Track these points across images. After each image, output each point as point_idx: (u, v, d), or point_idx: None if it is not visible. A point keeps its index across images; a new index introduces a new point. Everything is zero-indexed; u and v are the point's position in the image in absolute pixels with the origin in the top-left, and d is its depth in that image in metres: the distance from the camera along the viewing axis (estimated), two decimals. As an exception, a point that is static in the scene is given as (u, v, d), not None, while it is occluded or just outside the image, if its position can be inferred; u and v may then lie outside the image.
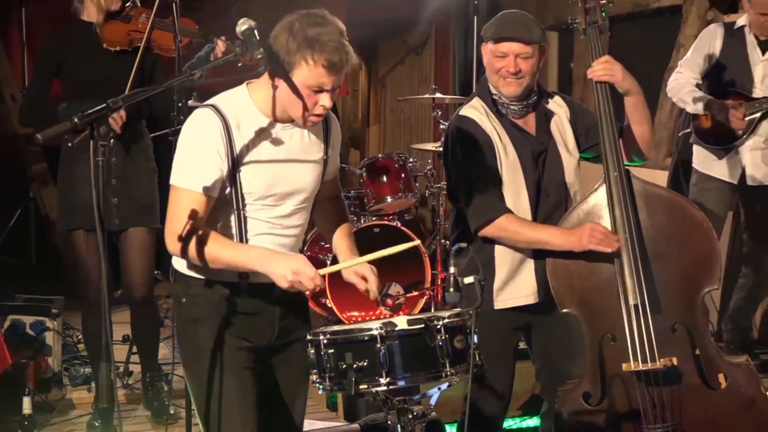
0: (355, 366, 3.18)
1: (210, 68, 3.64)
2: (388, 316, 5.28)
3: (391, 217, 7.15)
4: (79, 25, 5.20)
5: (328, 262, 6.42)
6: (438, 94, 7.42)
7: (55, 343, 5.63)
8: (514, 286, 4.09)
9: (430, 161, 7.69)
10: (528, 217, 4.06)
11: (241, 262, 3.28)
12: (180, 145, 3.34)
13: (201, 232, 3.25)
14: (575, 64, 8.82)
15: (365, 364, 3.18)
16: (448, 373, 3.23)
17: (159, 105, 5.09)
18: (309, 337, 3.29)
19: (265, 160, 3.35)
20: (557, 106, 4.21)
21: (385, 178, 7.09)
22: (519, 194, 4.06)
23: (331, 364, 3.23)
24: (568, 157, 4.15)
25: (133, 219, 5.16)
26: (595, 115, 4.12)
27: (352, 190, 7.49)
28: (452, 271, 3.43)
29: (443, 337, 3.22)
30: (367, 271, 3.41)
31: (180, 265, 3.46)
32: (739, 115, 5.69)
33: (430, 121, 9.10)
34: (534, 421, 5.24)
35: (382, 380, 3.18)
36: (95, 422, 5.12)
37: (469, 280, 3.43)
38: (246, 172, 3.32)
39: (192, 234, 3.24)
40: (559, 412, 4.11)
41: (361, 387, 3.19)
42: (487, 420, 4.19)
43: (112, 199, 5.13)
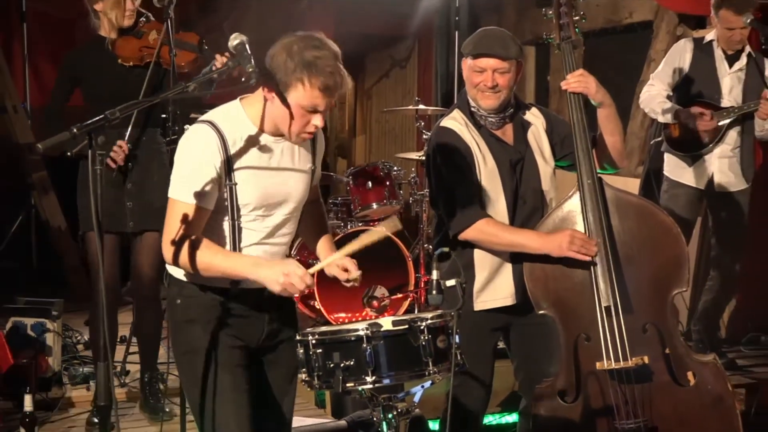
0: (342, 365, 3.19)
1: (203, 81, 3.63)
2: (373, 318, 5.28)
3: (377, 223, 7.14)
4: (96, 40, 5.20)
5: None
6: (421, 106, 7.42)
7: (55, 344, 5.60)
8: (493, 289, 4.09)
9: (413, 170, 7.69)
10: (506, 222, 4.06)
11: (233, 270, 3.28)
12: (177, 160, 3.34)
13: (195, 242, 3.25)
14: (551, 77, 8.84)
15: (352, 363, 3.19)
16: (431, 372, 3.23)
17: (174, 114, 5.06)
18: (298, 337, 3.30)
19: (259, 173, 3.36)
20: (534, 117, 4.22)
21: (370, 185, 7.08)
22: (497, 201, 4.06)
23: (320, 364, 3.23)
24: (545, 165, 4.16)
25: (147, 222, 5.14)
26: (570, 125, 4.13)
27: (339, 197, 7.49)
28: (435, 275, 3.44)
29: (426, 338, 3.22)
30: (348, 262, 3.42)
31: (174, 270, 3.45)
32: (708, 122, 5.72)
33: (414, 131, 9.11)
34: (513, 417, 5.23)
35: (368, 378, 3.18)
36: (94, 419, 5.12)
37: (450, 283, 3.44)
38: (241, 185, 3.32)
39: (188, 243, 3.24)
40: (536, 409, 4.11)
41: (348, 385, 3.20)
42: (468, 416, 4.19)
43: (127, 203, 5.14)
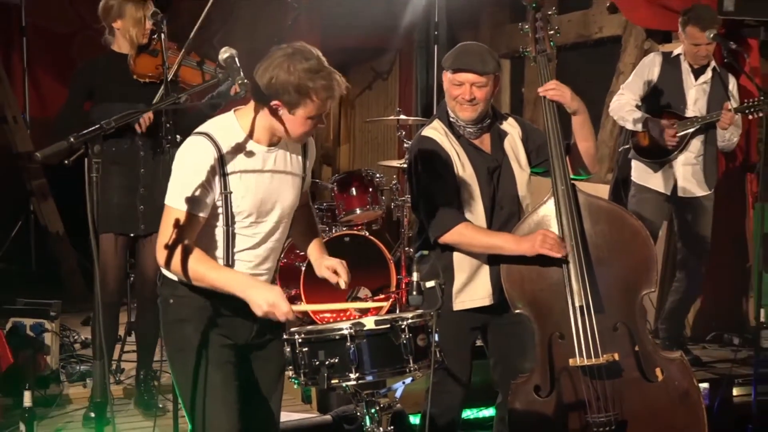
0: (327, 362, 3.18)
1: (194, 93, 3.64)
2: (357, 317, 5.26)
3: (360, 227, 7.13)
4: (109, 55, 5.19)
5: (303, 268, 6.40)
6: (402, 116, 7.43)
7: (53, 343, 5.58)
8: (472, 290, 4.09)
9: (395, 176, 7.69)
10: (484, 227, 4.06)
11: (224, 286, 3.28)
12: (175, 169, 3.34)
13: (189, 251, 3.26)
14: (526, 89, 8.86)
15: (336, 360, 3.18)
16: (412, 369, 3.23)
17: (181, 123, 5.03)
18: (285, 336, 3.30)
19: (253, 180, 3.36)
20: (510, 126, 4.22)
21: (354, 191, 7.08)
22: (475, 206, 4.06)
23: (306, 361, 3.23)
24: (521, 172, 4.16)
25: (157, 225, 5.11)
26: (544, 134, 4.14)
27: (324, 203, 7.47)
28: (415, 277, 3.43)
29: (407, 336, 3.22)
30: (338, 264, 3.46)
31: (167, 272, 3.44)
32: (672, 132, 5.75)
33: (395, 140, 9.09)
34: (490, 411, 5.23)
35: (352, 375, 3.18)
36: (90, 414, 5.09)
37: (430, 284, 3.43)
38: (236, 193, 3.32)
39: (181, 251, 3.25)
40: (512, 404, 4.11)
41: (333, 382, 3.20)
42: (447, 411, 4.18)
43: (139, 207, 5.12)
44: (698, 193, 6.02)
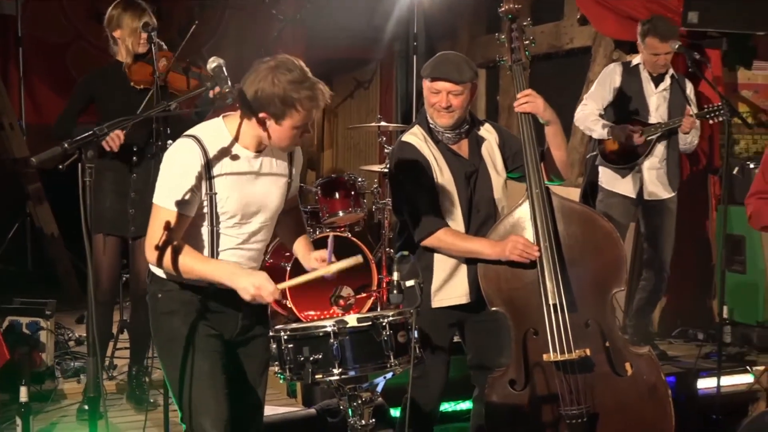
0: (311, 358, 3.18)
1: (183, 100, 3.62)
2: (340, 315, 5.25)
3: (343, 229, 7.12)
4: (114, 64, 5.17)
5: (288, 268, 6.38)
6: (383, 123, 7.41)
7: (49, 341, 5.55)
8: (450, 288, 4.08)
9: (376, 180, 7.68)
10: (462, 229, 4.05)
11: (211, 275, 3.28)
12: (163, 169, 3.33)
13: (177, 246, 3.25)
14: (501, 97, 8.87)
15: (320, 356, 3.18)
16: (393, 364, 3.24)
17: (176, 129, 4.99)
18: (271, 333, 3.30)
19: (239, 183, 3.35)
20: (487, 132, 4.22)
21: (337, 195, 7.06)
22: (454, 209, 4.06)
23: (291, 357, 3.22)
24: (497, 176, 4.16)
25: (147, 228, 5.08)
26: (520, 141, 4.13)
27: (309, 206, 7.45)
28: (395, 276, 3.42)
29: (388, 333, 3.22)
30: (325, 254, 3.49)
31: (156, 269, 3.44)
32: (639, 136, 5.75)
33: (376, 146, 9.08)
34: (467, 404, 5.21)
35: (335, 371, 3.18)
36: (84, 407, 5.06)
37: (410, 284, 3.42)
38: (221, 194, 3.31)
39: (169, 247, 3.25)
40: (489, 397, 4.11)
41: (317, 377, 3.19)
42: (426, 404, 4.17)
43: (130, 210, 5.08)
44: (664, 196, 6.04)
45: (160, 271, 3.40)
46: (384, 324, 3.22)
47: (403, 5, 8.90)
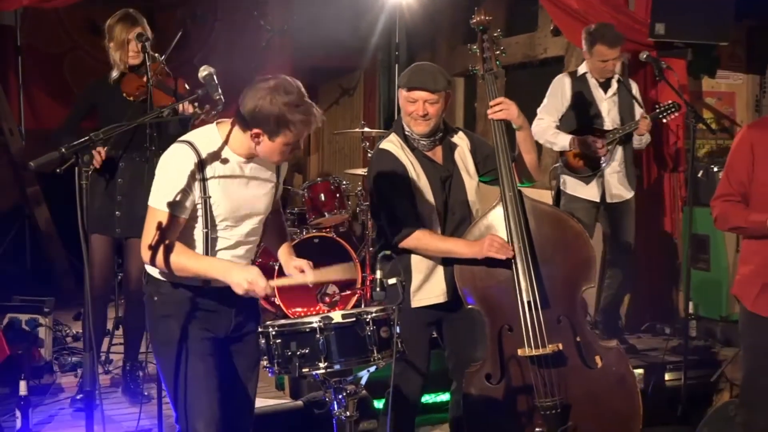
0: (298, 353, 3.17)
1: (174, 108, 3.64)
2: (326, 311, 5.25)
3: (328, 230, 7.13)
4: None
5: (276, 267, 6.38)
6: (366, 129, 7.42)
7: (47, 337, 5.54)
8: (428, 288, 4.09)
9: (360, 184, 7.67)
10: (438, 231, 4.07)
11: (205, 272, 3.29)
12: (158, 173, 3.34)
13: (171, 246, 3.26)
14: (478, 104, 8.89)
15: (307, 351, 3.17)
16: (376, 358, 3.23)
17: (166, 136, 4.97)
18: (260, 329, 3.29)
19: (230, 187, 3.36)
20: (460, 139, 4.23)
21: (323, 197, 7.08)
22: (430, 212, 4.07)
23: (279, 352, 3.21)
24: (470, 180, 4.17)
25: (134, 230, 5.04)
26: (491, 146, 4.16)
27: (296, 208, 7.46)
28: (378, 275, 3.43)
29: (371, 329, 3.22)
30: (304, 264, 3.46)
31: (152, 270, 3.44)
32: (601, 146, 5.76)
33: (360, 150, 9.10)
34: (446, 396, 5.23)
35: (321, 364, 3.17)
36: (75, 398, 5.05)
37: (392, 282, 3.44)
38: (214, 198, 3.32)
39: (164, 247, 3.25)
40: (466, 390, 4.12)
41: (304, 370, 3.19)
42: (408, 396, 4.17)
43: (116, 213, 5.07)
44: (627, 197, 6.05)
45: (156, 272, 3.41)
46: (367, 320, 3.22)
47: (386, 17, 8.92)
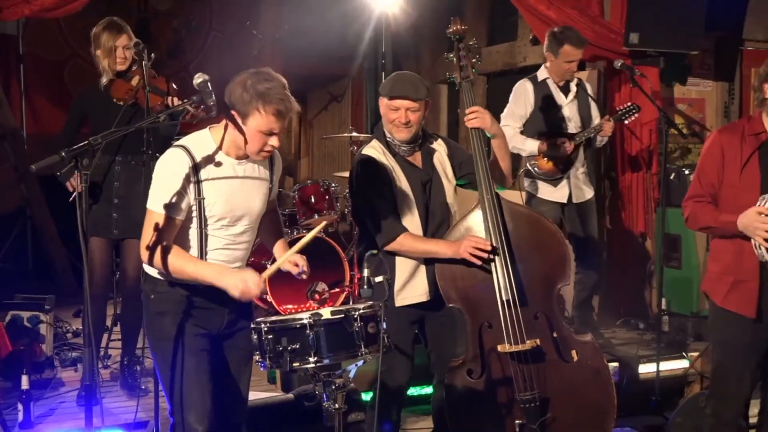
0: (289, 348, 3.18)
1: (170, 113, 3.63)
2: (315, 308, 5.25)
3: (313, 223, 7.13)
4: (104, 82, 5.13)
5: (268, 265, 6.38)
6: (354, 133, 7.45)
7: (48, 333, 5.52)
8: (411, 288, 4.09)
9: (348, 186, 7.67)
10: (420, 232, 4.08)
11: (201, 276, 3.29)
12: (155, 177, 3.34)
13: (169, 248, 3.26)
14: (461, 110, 8.85)
15: (298, 346, 3.18)
16: (364, 353, 3.24)
17: (158, 141, 4.95)
18: (252, 325, 3.29)
19: (224, 189, 3.36)
20: (438, 145, 4.25)
21: (313, 199, 7.08)
22: (412, 214, 4.08)
23: (271, 347, 3.22)
24: (448, 184, 4.19)
25: (130, 232, 5.04)
26: (467, 152, 4.18)
27: (287, 209, 7.45)
28: (366, 273, 3.44)
29: (359, 325, 3.23)
30: (298, 258, 3.49)
31: (149, 269, 3.44)
32: (570, 147, 5.76)
33: (348, 154, 9.08)
34: (430, 389, 5.24)
35: (311, 359, 3.18)
36: (81, 394, 5.03)
37: (379, 280, 3.45)
38: (209, 199, 3.33)
39: (161, 248, 3.26)
40: (449, 385, 4.12)
41: (295, 365, 3.19)
42: (394, 389, 4.18)
43: (113, 215, 5.06)
44: (589, 196, 6.05)
45: (154, 271, 3.41)
46: (355, 316, 3.23)
47: (373, 28, 8.94)
